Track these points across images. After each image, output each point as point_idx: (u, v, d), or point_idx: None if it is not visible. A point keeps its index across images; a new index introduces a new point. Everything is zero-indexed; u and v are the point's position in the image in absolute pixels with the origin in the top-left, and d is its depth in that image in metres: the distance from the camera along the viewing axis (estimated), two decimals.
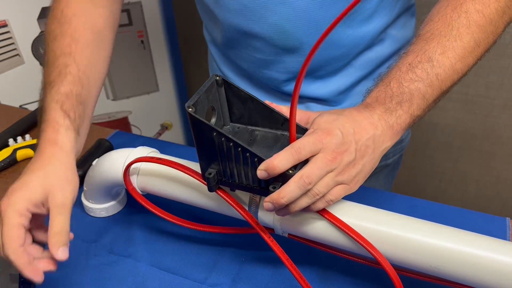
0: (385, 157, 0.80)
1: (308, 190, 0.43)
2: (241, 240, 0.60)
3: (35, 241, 0.47)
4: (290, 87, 0.70)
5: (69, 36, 0.55)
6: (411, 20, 0.71)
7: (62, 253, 0.43)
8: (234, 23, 0.62)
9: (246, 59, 0.69)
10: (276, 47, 0.63)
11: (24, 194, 0.45)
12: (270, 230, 0.52)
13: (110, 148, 0.76)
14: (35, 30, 1.22)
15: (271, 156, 0.42)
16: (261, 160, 0.42)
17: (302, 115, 0.49)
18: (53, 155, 0.48)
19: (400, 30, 0.68)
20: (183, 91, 1.56)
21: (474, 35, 0.50)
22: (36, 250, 0.46)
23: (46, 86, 0.53)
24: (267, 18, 0.60)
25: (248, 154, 0.43)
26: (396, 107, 0.47)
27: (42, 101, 0.53)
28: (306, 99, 0.71)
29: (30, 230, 0.47)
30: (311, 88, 0.69)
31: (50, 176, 0.46)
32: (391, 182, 0.89)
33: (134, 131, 1.53)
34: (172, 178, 0.55)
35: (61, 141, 0.49)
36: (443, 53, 0.49)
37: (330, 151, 0.43)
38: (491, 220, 0.61)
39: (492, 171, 1.40)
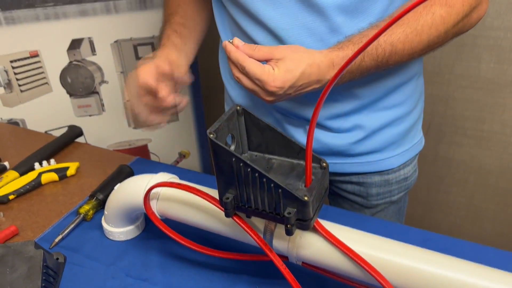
0: (389, 193, 0.81)
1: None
2: (256, 267, 0.60)
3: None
4: (295, 111, 0.72)
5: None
6: None
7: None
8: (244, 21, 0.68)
9: None
10: None
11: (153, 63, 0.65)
12: (284, 258, 0.53)
13: (131, 174, 0.78)
14: (65, 61, 1.28)
15: (287, 183, 0.44)
16: (277, 186, 0.44)
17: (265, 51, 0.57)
18: (170, 46, 0.71)
19: None
20: (202, 121, 1.59)
21: (430, 36, 0.59)
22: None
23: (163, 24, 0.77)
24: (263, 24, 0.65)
25: (265, 179, 0.44)
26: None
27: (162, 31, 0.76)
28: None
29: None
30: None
31: (171, 54, 0.70)
32: (401, 221, 0.89)
33: (153, 158, 1.56)
34: (191, 204, 0.57)
35: (174, 41, 0.73)
36: (403, 42, 0.59)
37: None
38: (507, 257, 0.60)
39: (508, 208, 1.38)
